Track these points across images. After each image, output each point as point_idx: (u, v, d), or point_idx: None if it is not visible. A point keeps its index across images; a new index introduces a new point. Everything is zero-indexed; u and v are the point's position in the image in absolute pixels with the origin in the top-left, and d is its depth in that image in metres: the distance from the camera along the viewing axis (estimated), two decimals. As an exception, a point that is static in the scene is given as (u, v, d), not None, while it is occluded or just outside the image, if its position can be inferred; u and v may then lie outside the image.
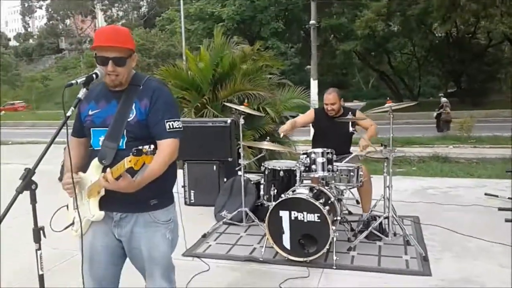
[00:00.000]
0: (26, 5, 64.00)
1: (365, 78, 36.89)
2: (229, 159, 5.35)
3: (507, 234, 4.15)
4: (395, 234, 4.12)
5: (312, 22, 18.94)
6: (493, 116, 21.77)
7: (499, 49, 29.26)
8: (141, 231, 2.16)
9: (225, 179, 5.33)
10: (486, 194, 5.57)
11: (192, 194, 5.45)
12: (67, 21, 58.93)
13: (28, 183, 1.78)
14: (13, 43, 71.75)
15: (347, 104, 4.35)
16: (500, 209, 4.94)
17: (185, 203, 5.40)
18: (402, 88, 31.60)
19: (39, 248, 1.81)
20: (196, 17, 27.68)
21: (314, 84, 18.50)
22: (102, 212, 2.08)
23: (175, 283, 2.38)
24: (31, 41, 69.98)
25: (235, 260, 3.78)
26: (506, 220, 4.56)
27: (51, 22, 62.00)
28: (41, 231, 1.82)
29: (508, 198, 5.22)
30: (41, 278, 1.84)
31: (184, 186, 5.46)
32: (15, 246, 4.01)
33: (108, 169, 1.88)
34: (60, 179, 7.30)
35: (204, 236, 4.33)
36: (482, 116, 21.06)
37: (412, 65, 32.46)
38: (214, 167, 5.38)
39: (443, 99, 17.69)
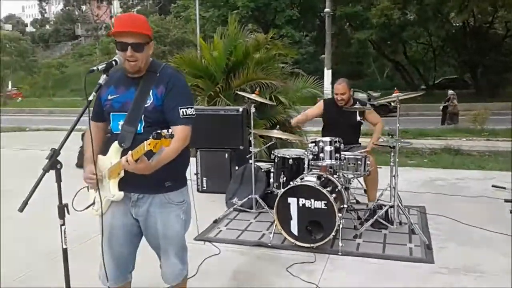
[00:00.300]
0: (43, -10, 64.53)
1: (380, 68, 36.59)
2: (241, 147, 5.48)
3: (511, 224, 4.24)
4: (400, 223, 4.23)
5: (327, 10, 18.89)
6: (508, 108, 21.54)
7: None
8: (157, 211, 2.31)
9: (236, 167, 5.47)
10: (493, 186, 5.63)
11: (204, 181, 5.61)
12: (83, 7, 59.21)
13: (54, 162, 1.92)
14: (29, 29, 72.44)
15: (361, 96, 4.46)
16: (506, 200, 5.00)
17: (198, 190, 5.56)
18: (417, 78, 31.36)
19: (63, 224, 1.96)
20: (211, 4, 27.68)
21: (328, 74, 18.50)
22: (122, 192, 2.23)
23: (188, 264, 2.54)
24: (47, 27, 70.51)
25: (245, 245, 3.93)
26: (511, 211, 4.63)
27: (67, 8, 62.37)
28: (65, 208, 1.97)
29: (515, 190, 5.29)
30: (65, 251, 2.00)
31: (196, 174, 5.62)
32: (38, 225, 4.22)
33: (129, 152, 2.01)
34: (78, 165, 7.49)
35: (215, 221, 4.49)
36: (497, 108, 20.85)
37: (428, 55, 32.13)
38: (226, 155, 5.53)
39: (450, 92, 17.65)
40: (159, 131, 1.79)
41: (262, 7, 27.10)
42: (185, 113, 2.21)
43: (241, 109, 5.54)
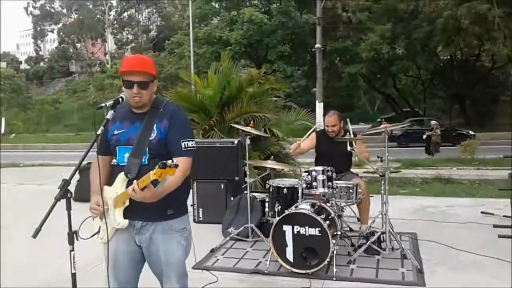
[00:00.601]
0: (38, 29, 65.45)
1: (370, 100, 37.20)
2: (236, 178, 5.63)
3: (500, 249, 4.38)
4: (393, 249, 4.35)
5: (317, 46, 19.40)
6: (498, 138, 21.93)
7: (504, 71, 29.60)
8: (159, 237, 2.44)
9: (232, 198, 5.60)
10: (482, 212, 5.80)
11: (200, 211, 5.72)
12: (78, 45, 60.13)
13: (65, 192, 2.06)
14: (24, 66, 73.17)
15: (353, 127, 4.65)
16: (495, 226, 5.18)
17: (194, 221, 5.66)
18: (408, 110, 31.92)
19: (73, 249, 2.08)
20: (204, 41, 28.34)
21: (319, 106, 18.86)
22: (127, 221, 2.36)
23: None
24: (42, 64, 71.30)
25: (242, 273, 4.02)
26: (500, 236, 4.79)
27: (62, 45, 63.26)
28: (75, 235, 2.10)
29: (504, 216, 5.44)
30: (73, 276, 2.11)
31: (193, 204, 5.73)
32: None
33: (134, 181, 2.16)
34: (75, 198, 7.53)
35: (212, 250, 4.58)
36: (487, 139, 21.28)
37: (417, 87, 32.86)
38: (222, 185, 5.67)
39: (433, 122, 18.20)
40: (165, 162, 1.95)
41: (255, 43, 27.80)
42: (186, 146, 2.37)
43: (236, 141, 5.72)
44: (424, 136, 17.88)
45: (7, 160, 17.95)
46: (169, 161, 1.94)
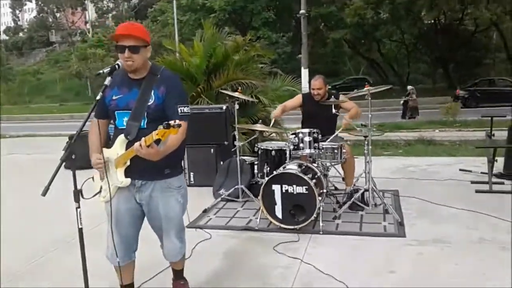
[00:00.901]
0: (16, -2, 63.69)
1: (355, 66, 37.30)
2: (225, 143, 5.81)
3: (477, 203, 4.66)
4: (376, 205, 4.62)
5: (302, 11, 19.36)
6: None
7: (486, 35, 29.82)
8: (158, 195, 2.62)
9: (221, 162, 5.79)
10: (461, 169, 6.08)
11: (191, 175, 5.91)
12: (58, 14, 58.63)
13: (69, 153, 2.21)
14: (3, 36, 71.29)
15: (354, 94, 4.76)
16: (472, 182, 5.46)
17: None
18: (392, 75, 32.14)
19: (79, 207, 2.24)
20: (187, 8, 27.98)
21: (305, 73, 18.97)
22: (129, 179, 2.53)
23: (186, 244, 2.86)
24: (21, 34, 69.55)
25: (234, 230, 4.25)
26: (477, 191, 5.07)
27: (41, 15, 61.68)
28: (80, 193, 2.26)
29: (481, 172, 5.72)
30: (80, 231, 2.28)
31: (184, 169, 5.89)
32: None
33: (142, 138, 2.29)
34: (66, 166, 7.67)
35: (205, 211, 4.80)
36: (468, 102, 21.67)
37: (401, 52, 32.98)
38: (212, 150, 5.85)
39: (409, 87, 18.53)
40: (168, 122, 2.11)
41: (239, 10, 27.52)
42: (182, 111, 2.52)
43: (224, 107, 5.86)
44: (401, 102, 18.17)
45: (-9, 131, 17.87)
46: (172, 122, 2.09)
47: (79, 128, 2.31)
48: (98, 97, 2.37)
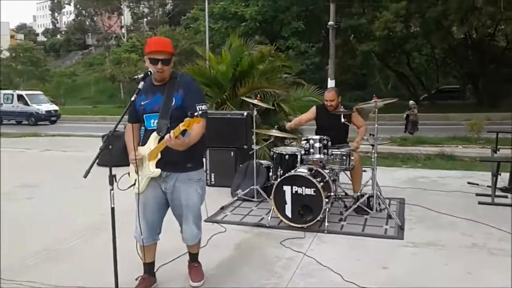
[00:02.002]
0: (55, 1, 65.97)
1: (384, 79, 37.25)
2: (245, 147, 6.23)
3: (478, 213, 4.94)
4: (380, 210, 4.94)
5: (330, 23, 19.65)
6: (509, 118, 22.08)
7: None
8: (181, 185, 3.08)
9: (240, 164, 6.21)
10: (469, 182, 6.33)
11: (212, 176, 6.35)
12: (95, 18, 60.55)
13: (107, 143, 2.66)
14: (41, 38, 74.00)
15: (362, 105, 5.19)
16: (477, 194, 5.72)
17: (206, 184, 6.22)
18: (421, 89, 32.03)
19: (112, 189, 2.70)
20: (219, 16, 28.65)
21: (331, 84, 19.22)
22: (159, 170, 2.99)
23: (202, 231, 3.29)
24: (58, 36, 72.07)
25: (247, 225, 4.67)
26: (479, 203, 5.34)
27: (79, 18, 63.81)
28: (114, 177, 2.71)
29: (487, 186, 5.96)
30: (112, 210, 2.73)
31: (206, 170, 6.35)
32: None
33: (171, 131, 2.71)
34: (99, 163, 8.22)
35: (222, 208, 5.23)
36: (498, 118, 21.47)
37: (431, 66, 32.81)
38: (232, 153, 6.29)
39: (411, 102, 18.49)
40: (192, 112, 2.57)
41: (269, 19, 28.02)
42: (201, 109, 2.95)
43: (245, 113, 6.29)
44: (404, 116, 18.22)
45: (27, 130, 18.82)
46: (195, 113, 2.55)
47: (116, 124, 2.76)
48: (132, 99, 2.82)
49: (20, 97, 27.22)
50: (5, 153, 9.88)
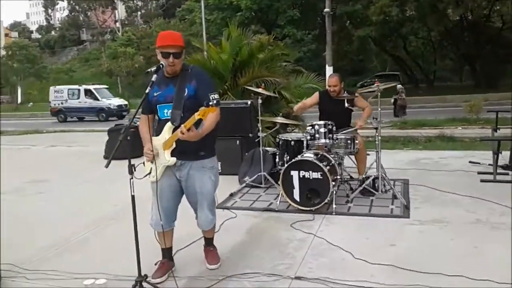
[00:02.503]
0: (48, -3, 65.62)
1: (381, 63, 37.29)
2: (250, 135, 6.35)
3: (480, 190, 5.08)
4: (385, 191, 5.07)
5: (326, 10, 19.63)
6: (507, 98, 22.20)
7: (515, 31, 29.50)
8: (194, 173, 3.20)
9: (246, 152, 6.33)
10: (470, 162, 6.47)
11: (219, 165, 6.42)
12: (88, 13, 60.22)
13: (125, 135, 2.77)
14: (35, 35, 73.60)
15: (364, 90, 5.28)
16: (479, 172, 5.86)
17: (214, 173, 6.41)
18: (419, 72, 32.11)
19: (132, 178, 2.82)
20: (214, 7, 28.58)
21: (329, 70, 19.25)
22: (174, 158, 3.10)
23: (216, 216, 3.41)
24: (53, 33, 71.68)
25: (256, 211, 4.81)
26: (482, 180, 5.48)
27: (72, 14, 63.42)
28: (133, 167, 2.82)
29: (488, 164, 6.10)
30: (133, 198, 2.85)
31: (214, 157, 6.47)
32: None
33: (182, 125, 2.83)
34: (105, 156, 8.31)
35: (231, 195, 5.37)
36: (495, 99, 21.59)
37: (428, 49, 32.85)
38: (237, 141, 6.41)
39: (399, 86, 18.40)
40: (208, 102, 2.65)
41: (265, 8, 27.95)
42: (214, 98, 3.06)
43: (249, 102, 6.41)
44: (392, 100, 18.24)
45: (29, 127, 18.90)
46: (210, 103, 2.64)
47: (132, 116, 2.88)
48: (146, 91, 2.92)
49: (88, 92, 25.68)
50: (11, 151, 10.02)
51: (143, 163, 3.26)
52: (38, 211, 5.29)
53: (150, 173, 3.20)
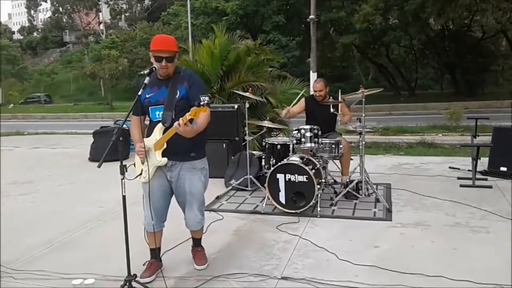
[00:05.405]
0: (31, -2, 64.91)
1: (364, 70, 37.79)
2: (236, 139, 6.43)
3: (459, 195, 5.24)
4: (368, 195, 5.20)
5: (311, 17, 19.85)
6: (485, 107, 22.75)
7: (495, 42, 30.16)
8: (185, 174, 3.26)
9: (232, 156, 6.40)
10: (450, 167, 6.65)
11: (205, 167, 6.52)
12: (72, 15, 59.74)
13: (118, 136, 2.82)
14: (17, 36, 72.58)
15: (349, 96, 5.42)
16: (459, 178, 6.03)
17: (199, 176, 6.47)
18: (401, 80, 32.58)
19: (123, 178, 2.87)
20: (200, 12, 28.64)
21: (313, 76, 19.46)
22: (165, 158, 3.16)
23: (205, 217, 3.48)
24: (35, 34, 70.80)
25: (242, 213, 4.88)
26: (461, 185, 5.65)
27: (56, 15, 62.87)
28: (124, 167, 2.88)
29: (468, 170, 6.28)
30: (124, 198, 2.90)
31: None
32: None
33: (180, 118, 2.88)
34: (90, 159, 8.30)
35: (218, 197, 5.43)
36: (474, 107, 22.08)
37: (410, 58, 33.38)
38: (224, 145, 6.48)
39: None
40: (199, 102, 2.73)
41: (250, 13, 28.11)
42: (204, 99, 3.13)
43: (236, 106, 6.49)
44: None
45: (10, 129, 18.64)
46: (202, 102, 2.72)
47: (125, 118, 2.94)
48: (139, 93, 2.98)
49: None
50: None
51: (134, 164, 3.32)
52: (24, 211, 5.28)
53: (141, 174, 3.26)
